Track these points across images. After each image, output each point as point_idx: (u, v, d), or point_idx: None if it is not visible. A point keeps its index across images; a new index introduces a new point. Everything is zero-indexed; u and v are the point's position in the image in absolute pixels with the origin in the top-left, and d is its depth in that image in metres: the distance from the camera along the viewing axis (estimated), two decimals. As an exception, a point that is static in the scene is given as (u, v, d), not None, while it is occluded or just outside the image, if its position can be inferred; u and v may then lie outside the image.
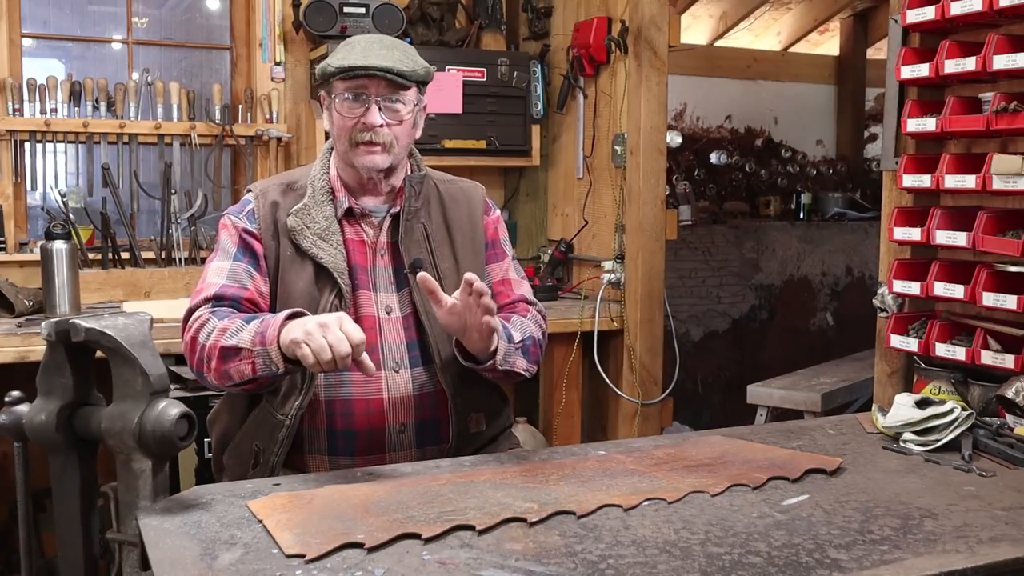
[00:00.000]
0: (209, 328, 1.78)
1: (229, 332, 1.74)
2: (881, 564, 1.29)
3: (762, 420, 3.74)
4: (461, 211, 2.04)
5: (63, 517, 1.55)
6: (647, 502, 1.52)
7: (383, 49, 1.88)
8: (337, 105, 1.89)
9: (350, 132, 1.88)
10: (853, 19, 6.27)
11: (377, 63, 1.84)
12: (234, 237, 1.92)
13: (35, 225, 3.58)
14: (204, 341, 1.77)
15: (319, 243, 1.88)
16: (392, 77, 1.84)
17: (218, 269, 1.89)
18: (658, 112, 3.54)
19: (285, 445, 1.85)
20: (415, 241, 1.95)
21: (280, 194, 1.95)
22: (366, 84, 1.86)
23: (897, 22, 2.36)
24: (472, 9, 3.99)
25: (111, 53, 3.80)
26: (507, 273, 2.09)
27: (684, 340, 4.88)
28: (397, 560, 1.29)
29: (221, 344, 1.74)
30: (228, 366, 1.74)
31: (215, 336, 1.76)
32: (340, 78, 1.87)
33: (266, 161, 3.69)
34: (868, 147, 6.44)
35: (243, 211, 1.95)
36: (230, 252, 1.91)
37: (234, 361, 1.73)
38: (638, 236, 3.56)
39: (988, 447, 1.83)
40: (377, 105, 1.86)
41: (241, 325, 1.75)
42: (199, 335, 1.79)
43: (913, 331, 2.32)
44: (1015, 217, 2.15)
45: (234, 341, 1.73)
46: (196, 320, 1.82)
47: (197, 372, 1.83)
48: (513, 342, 1.89)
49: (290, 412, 1.84)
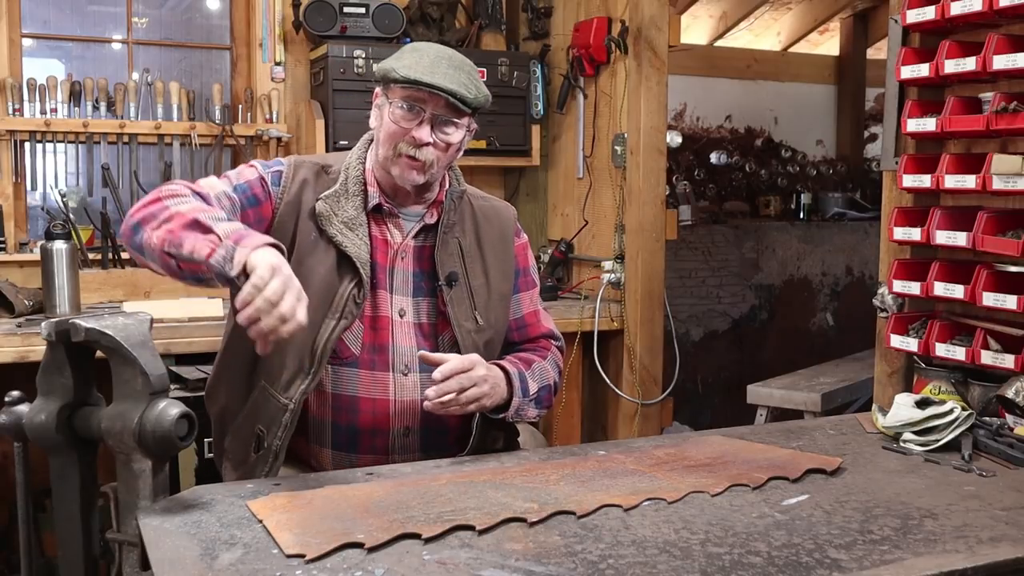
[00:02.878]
0: (184, 202, 1.67)
1: (209, 214, 1.63)
2: (881, 564, 1.29)
3: (762, 420, 3.74)
4: (494, 231, 2.03)
5: (63, 517, 1.55)
6: (647, 502, 1.52)
7: (451, 69, 1.83)
8: (391, 110, 1.84)
9: (396, 142, 1.84)
10: (853, 19, 6.27)
11: (443, 83, 1.79)
12: (246, 176, 1.87)
13: (35, 225, 3.58)
14: (170, 205, 1.65)
15: (345, 231, 1.86)
16: (454, 101, 1.81)
17: (214, 182, 1.83)
18: (658, 112, 3.54)
19: (289, 429, 1.83)
20: (450, 255, 1.94)
21: (313, 174, 1.91)
22: (425, 99, 1.82)
23: (897, 22, 2.36)
24: (472, 9, 4.00)
25: (111, 53, 3.80)
26: (536, 304, 2.11)
27: (684, 340, 4.88)
28: (397, 560, 1.29)
29: (195, 217, 1.61)
30: (184, 235, 1.59)
31: (189, 209, 1.63)
32: (401, 85, 1.82)
33: (266, 161, 3.69)
34: (868, 147, 6.44)
35: (271, 168, 1.91)
36: (233, 181, 1.85)
37: (195, 234, 1.59)
38: (638, 236, 3.56)
39: (988, 447, 1.83)
40: (431, 123, 1.83)
41: (222, 215, 1.66)
42: (165, 199, 1.67)
43: (913, 331, 2.32)
44: (1015, 217, 2.15)
45: (210, 222, 1.60)
46: (171, 189, 1.71)
47: (136, 224, 1.68)
48: (528, 395, 1.91)
49: (294, 396, 1.82)
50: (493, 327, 1.97)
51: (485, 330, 1.94)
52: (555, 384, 2.04)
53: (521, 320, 2.08)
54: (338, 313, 1.83)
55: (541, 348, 2.08)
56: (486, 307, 1.95)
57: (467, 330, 1.91)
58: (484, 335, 1.94)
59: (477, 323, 1.93)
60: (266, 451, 1.84)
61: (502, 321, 2.01)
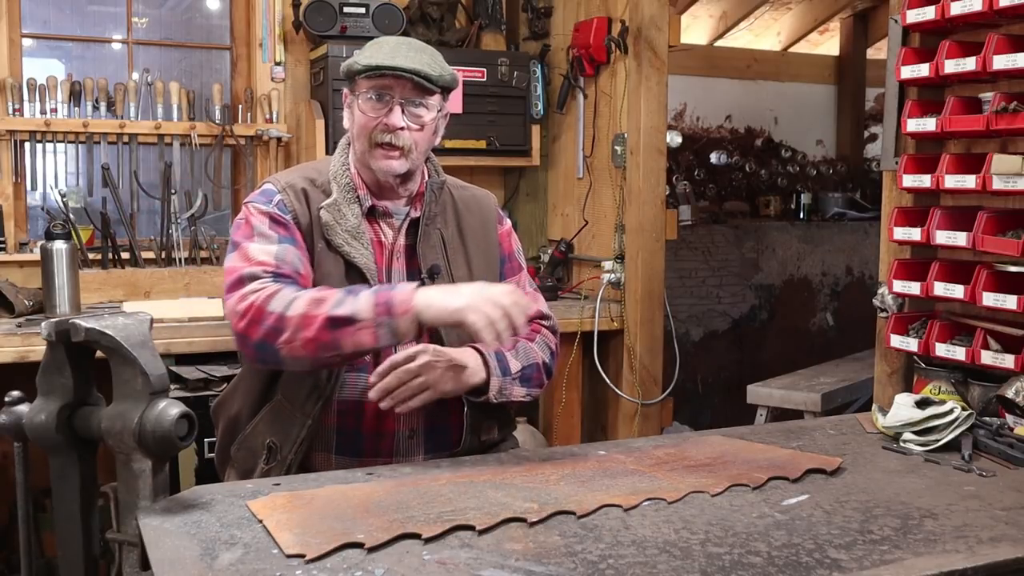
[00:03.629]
0: (286, 297, 1.69)
1: (329, 302, 1.66)
2: (881, 564, 1.29)
3: (762, 420, 3.74)
4: (475, 220, 2.03)
5: (63, 517, 1.55)
6: (647, 502, 1.52)
7: (411, 51, 1.86)
8: (360, 104, 1.86)
9: (371, 133, 1.85)
10: (853, 19, 6.27)
11: (405, 64, 1.82)
12: (266, 223, 1.85)
13: (35, 225, 3.58)
14: (283, 311, 1.67)
15: (351, 241, 1.86)
16: (419, 80, 1.82)
17: (263, 251, 1.80)
18: (658, 112, 3.54)
19: (304, 444, 1.83)
20: (432, 247, 1.95)
21: (304, 189, 1.91)
22: (391, 85, 1.83)
23: (897, 22, 2.36)
24: (472, 9, 4.00)
25: (111, 53, 3.80)
26: (524, 287, 2.09)
27: (684, 340, 4.88)
28: (397, 560, 1.29)
29: (330, 315, 1.65)
30: (336, 335, 1.65)
31: (306, 306, 1.67)
32: (365, 76, 1.84)
33: (266, 161, 3.69)
34: (868, 147, 6.44)
35: (271, 201, 1.88)
36: (271, 236, 1.83)
37: (346, 330, 1.65)
38: (638, 236, 3.56)
39: (988, 447, 1.83)
40: (400, 107, 1.84)
41: (344, 296, 1.68)
42: (268, 304, 1.69)
43: (913, 331, 2.32)
44: (1015, 217, 2.15)
45: (346, 311, 1.65)
46: (257, 291, 1.71)
47: (261, 343, 1.70)
48: (509, 374, 1.88)
49: (312, 411, 1.82)
50: None
51: None
52: (546, 364, 1.99)
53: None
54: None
55: (530, 332, 2.04)
56: None
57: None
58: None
59: None
60: (279, 463, 1.84)
61: None
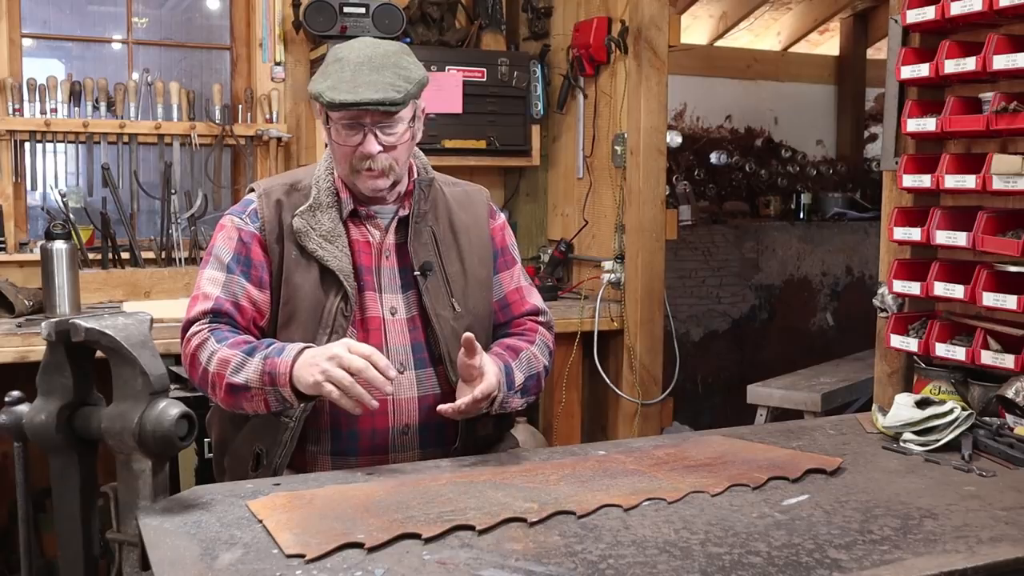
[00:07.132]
0: (208, 351, 1.80)
1: (232, 367, 1.76)
2: (881, 564, 1.29)
3: (762, 420, 3.73)
4: (467, 215, 2.04)
5: (63, 517, 1.55)
6: (647, 502, 1.52)
7: (372, 73, 1.80)
8: (334, 131, 1.86)
9: (349, 159, 1.86)
10: (853, 19, 6.26)
11: (368, 96, 1.78)
12: (230, 243, 1.90)
13: (35, 225, 3.58)
14: (206, 365, 1.80)
15: (325, 245, 1.87)
16: (386, 108, 1.80)
17: (212, 279, 1.89)
18: (658, 112, 3.54)
19: (289, 447, 1.85)
20: (423, 244, 1.95)
21: (284, 194, 1.94)
22: (358, 114, 1.82)
23: (897, 22, 2.36)
24: (472, 9, 3.99)
25: (111, 53, 3.80)
26: (519, 281, 2.09)
27: (684, 340, 4.88)
28: (397, 560, 1.29)
29: (228, 381, 1.77)
30: (238, 400, 1.79)
31: (217, 365, 1.78)
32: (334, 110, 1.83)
33: (266, 161, 3.69)
34: (868, 147, 6.44)
35: (245, 211, 1.93)
36: (223, 261, 1.89)
37: (243, 397, 1.77)
38: (638, 236, 3.56)
39: (988, 447, 1.83)
40: (373, 133, 1.83)
41: (243, 360, 1.76)
42: (199, 354, 1.82)
43: (913, 331, 2.32)
44: (1015, 217, 2.15)
45: (240, 379, 1.75)
46: (195, 336, 1.84)
47: (200, 387, 1.86)
48: (513, 387, 1.90)
49: (294, 415, 1.83)
50: (472, 313, 1.96)
51: (463, 317, 1.94)
52: (545, 368, 2.02)
53: (504, 300, 2.06)
54: (328, 328, 1.85)
55: (528, 331, 2.05)
56: (463, 294, 1.95)
57: (444, 318, 1.92)
58: (463, 322, 1.93)
59: (455, 310, 1.93)
60: (265, 468, 1.86)
61: (483, 306, 2.00)
